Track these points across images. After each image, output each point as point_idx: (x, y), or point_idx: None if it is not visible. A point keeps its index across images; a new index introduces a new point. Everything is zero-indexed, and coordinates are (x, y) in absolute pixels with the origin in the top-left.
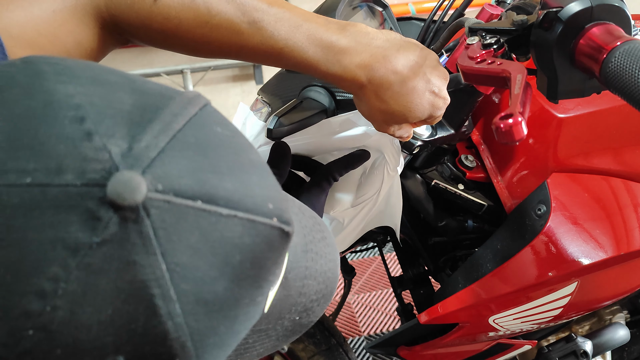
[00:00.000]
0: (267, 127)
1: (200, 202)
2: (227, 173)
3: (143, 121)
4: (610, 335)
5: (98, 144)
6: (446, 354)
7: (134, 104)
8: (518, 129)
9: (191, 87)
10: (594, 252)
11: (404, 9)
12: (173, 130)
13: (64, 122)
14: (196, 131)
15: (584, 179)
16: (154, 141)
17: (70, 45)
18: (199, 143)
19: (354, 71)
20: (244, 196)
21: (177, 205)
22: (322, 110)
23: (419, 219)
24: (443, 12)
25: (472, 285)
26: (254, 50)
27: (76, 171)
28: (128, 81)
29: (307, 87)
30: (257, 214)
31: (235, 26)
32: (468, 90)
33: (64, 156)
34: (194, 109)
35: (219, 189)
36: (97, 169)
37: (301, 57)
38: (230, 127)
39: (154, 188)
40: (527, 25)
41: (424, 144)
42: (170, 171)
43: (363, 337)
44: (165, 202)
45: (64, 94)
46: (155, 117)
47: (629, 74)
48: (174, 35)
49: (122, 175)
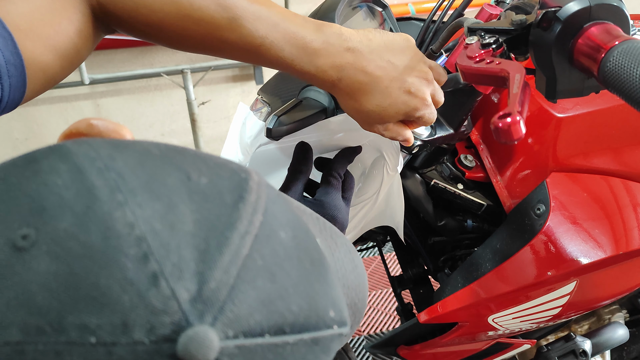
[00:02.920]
0: (266, 127)
1: (268, 337)
2: (293, 293)
3: (209, 250)
4: (609, 334)
5: (166, 291)
6: (446, 353)
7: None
8: (516, 128)
9: (191, 87)
10: (593, 252)
11: (403, 9)
12: (242, 257)
13: (127, 265)
14: (263, 248)
15: (583, 178)
16: (224, 277)
17: (72, 33)
18: (267, 265)
19: (326, 72)
20: (309, 315)
21: (247, 346)
22: (321, 109)
23: (418, 219)
24: (442, 12)
25: (472, 284)
26: (233, 46)
27: (144, 327)
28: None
29: (307, 86)
30: (320, 329)
31: (216, 21)
32: (467, 90)
33: (129, 309)
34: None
35: (286, 316)
36: (166, 322)
37: (277, 55)
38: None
39: (225, 336)
40: (525, 25)
41: (423, 144)
42: (240, 312)
43: (363, 337)
44: (236, 347)
45: (124, 222)
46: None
47: (627, 73)
48: (158, 28)
49: (193, 332)
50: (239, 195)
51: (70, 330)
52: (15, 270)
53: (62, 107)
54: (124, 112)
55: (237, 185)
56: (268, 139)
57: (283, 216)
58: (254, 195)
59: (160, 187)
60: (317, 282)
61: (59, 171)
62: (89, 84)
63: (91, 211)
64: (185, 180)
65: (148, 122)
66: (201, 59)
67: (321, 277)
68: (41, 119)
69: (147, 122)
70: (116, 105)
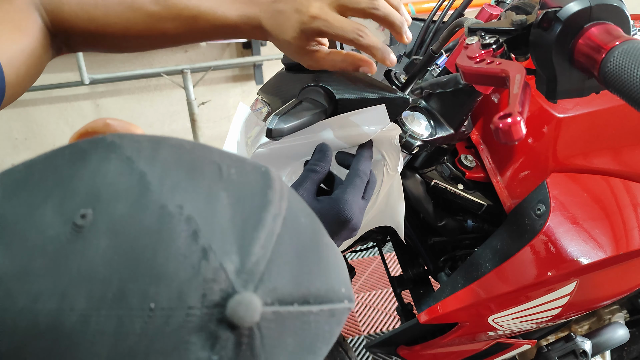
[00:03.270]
0: (266, 127)
1: (296, 305)
2: (315, 271)
3: (247, 229)
4: (610, 334)
5: (215, 263)
6: (446, 354)
7: (233, 204)
8: (517, 129)
9: (191, 87)
10: (593, 252)
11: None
12: (275, 236)
13: (180, 240)
14: (290, 230)
15: (583, 178)
16: (262, 252)
17: (26, 50)
18: (294, 244)
19: (252, 15)
20: (327, 289)
21: (281, 313)
22: (322, 110)
23: (418, 219)
24: (443, 12)
25: (472, 284)
26: (175, 29)
27: (197, 294)
28: (216, 168)
29: (307, 87)
30: (336, 302)
31: (149, 11)
32: (467, 90)
33: (184, 279)
34: (285, 204)
35: (311, 288)
36: (216, 290)
37: (214, 19)
38: (305, 208)
39: (264, 303)
40: (526, 25)
41: (423, 144)
42: (277, 282)
43: (363, 337)
44: (273, 313)
45: (174, 204)
46: (259, 224)
47: (628, 74)
48: (103, 27)
49: (240, 297)
50: (265, 183)
51: (131, 298)
52: (76, 247)
53: (61, 107)
54: (123, 112)
55: (263, 176)
56: (268, 139)
57: (300, 204)
58: (278, 184)
59: (199, 176)
60: (331, 263)
61: (110, 160)
62: (88, 84)
63: (144, 195)
64: (217, 171)
65: (148, 122)
66: (201, 59)
67: (333, 259)
68: (41, 118)
69: (147, 122)
70: (116, 105)
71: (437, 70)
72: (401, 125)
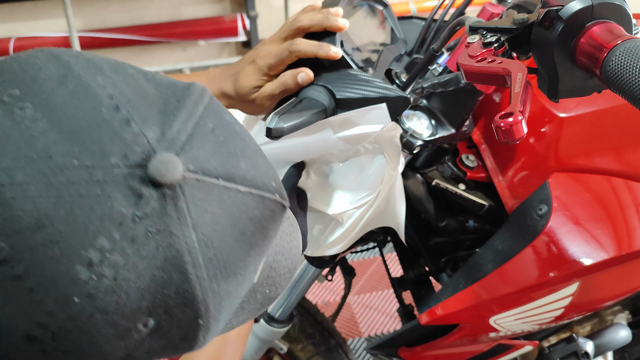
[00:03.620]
0: (266, 126)
1: (222, 180)
2: (240, 155)
3: (169, 109)
4: (612, 335)
5: (136, 130)
6: (447, 355)
7: (155, 93)
8: (518, 128)
9: None
10: (596, 253)
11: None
12: (196, 117)
13: (102, 110)
14: (213, 117)
15: (585, 178)
16: (183, 127)
17: None
18: (216, 128)
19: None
20: (255, 175)
21: (206, 183)
22: (321, 109)
23: (419, 219)
24: (444, 11)
25: (473, 285)
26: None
27: (120, 154)
28: (139, 72)
29: (307, 86)
30: (265, 191)
31: None
32: (468, 89)
33: (106, 141)
34: (207, 98)
35: (237, 169)
36: (138, 151)
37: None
38: (232, 115)
39: (187, 168)
40: (527, 23)
41: (424, 144)
42: (198, 153)
43: (363, 338)
44: (196, 180)
45: (97, 84)
46: (180, 105)
47: (630, 73)
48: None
49: (161, 157)
50: (188, 84)
51: (58, 156)
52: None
53: None
54: None
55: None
56: (268, 138)
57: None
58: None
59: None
60: (259, 157)
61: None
62: None
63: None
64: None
65: None
66: (200, 57)
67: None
68: None
69: None
70: None
71: (438, 69)
72: (402, 125)
